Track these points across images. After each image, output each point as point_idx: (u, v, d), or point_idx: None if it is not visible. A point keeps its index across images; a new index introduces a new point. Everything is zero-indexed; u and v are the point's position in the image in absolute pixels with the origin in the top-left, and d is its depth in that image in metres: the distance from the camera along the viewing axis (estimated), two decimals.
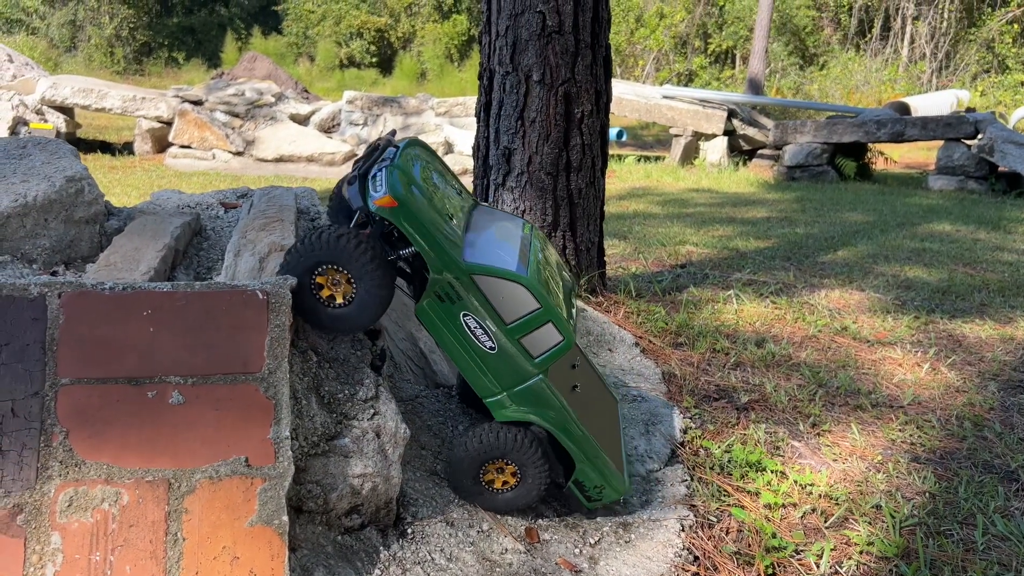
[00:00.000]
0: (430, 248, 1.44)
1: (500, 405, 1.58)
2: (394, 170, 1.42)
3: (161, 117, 9.38)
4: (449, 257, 1.45)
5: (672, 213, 6.21)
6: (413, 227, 1.42)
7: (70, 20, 19.74)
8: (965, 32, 18.58)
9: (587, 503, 1.69)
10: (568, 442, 1.61)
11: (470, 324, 1.50)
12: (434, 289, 1.48)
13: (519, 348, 1.53)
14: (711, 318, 3.15)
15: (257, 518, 1.29)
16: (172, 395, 1.30)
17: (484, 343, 1.52)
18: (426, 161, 1.59)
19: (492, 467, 1.61)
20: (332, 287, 1.44)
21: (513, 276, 1.49)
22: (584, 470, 1.63)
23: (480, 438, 1.59)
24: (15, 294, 1.30)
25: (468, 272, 1.47)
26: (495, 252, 1.53)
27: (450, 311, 1.49)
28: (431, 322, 1.51)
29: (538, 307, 1.50)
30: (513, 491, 1.63)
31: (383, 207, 1.40)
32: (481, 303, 1.49)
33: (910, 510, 1.82)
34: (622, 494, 1.68)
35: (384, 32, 20.57)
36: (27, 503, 1.21)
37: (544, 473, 1.61)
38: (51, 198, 1.54)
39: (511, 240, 1.61)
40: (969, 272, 4.15)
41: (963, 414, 2.35)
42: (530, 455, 1.59)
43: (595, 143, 3.04)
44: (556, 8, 2.82)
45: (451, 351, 1.54)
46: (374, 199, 1.41)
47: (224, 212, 1.99)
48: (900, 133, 8.48)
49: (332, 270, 1.43)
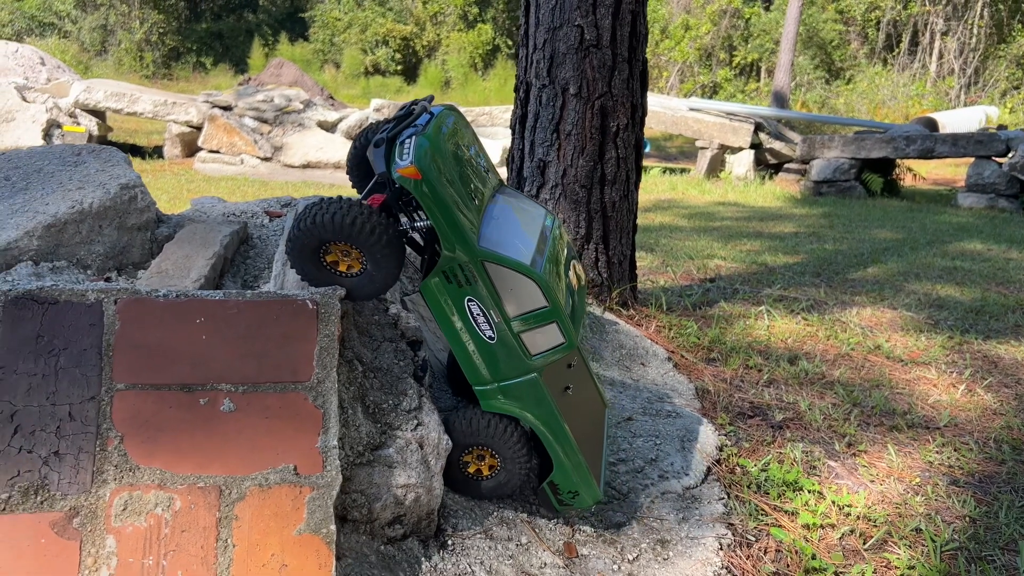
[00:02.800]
0: (447, 227, 1.39)
1: (488, 395, 1.54)
2: (423, 139, 1.37)
3: (191, 122, 9.50)
4: (465, 239, 1.41)
5: (699, 227, 6.19)
6: (433, 202, 1.37)
7: (101, 24, 20.07)
8: (995, 48, 18.42)
9: (558, 506, 1.67)
10: (552, 443, 1.58)
11: (473, 310, 1.47)
12: (443, 268, 1.43)
13: (518, 342, 1.49)
14: (743, 334, 3.14)
15: (305, 526, 1.30)
16: (224, 402, 1.32)
17: (484, 332, 1.48)
18: (459, 132, 1.53)
19: (472, 454, 1.59)
20: (342, 258, 1.42)
21: (526, 270, 1.45)
22: (563, 473, 1.61)
23: (464, 423, 1.57)
24: (73, 300, 1.32)
25: (481, 258, 1.43)
26: (512, 241, 1.49)
27: (456, 293, 1.45)
28: (435, 300, 1.47)
29: (546, 305, 1.47)
30: (492, 480, 1.62)
31: (406, 177, 1.34)
32: (488, 291, 1.45)
33: (950, 534, 1.80)
34: (594, 503, 1.66)
35: (409, 40, 20.72)
36: (83, 506, 1.23)
37: (525, 466, 1.60)
38: (106, 205, 1.57)
39: (531, 230, 1.56)
40: (1003, 292, 4.11)
41: (1001, 437, 2.32)
42: (512, 445, 1.57)
43: (630, 156, 3.04)
44: (594, 22, 2.83)
45: (449, 333, 1.49)
46: (399, 167, 1.35)
47: (269, 221, 2.01)
48: (930, 149, 8.42)
49: (343, 246, 1.40)
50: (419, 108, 1.48)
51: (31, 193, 1.61)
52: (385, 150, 1.41)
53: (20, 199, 1.59)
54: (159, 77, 19.31)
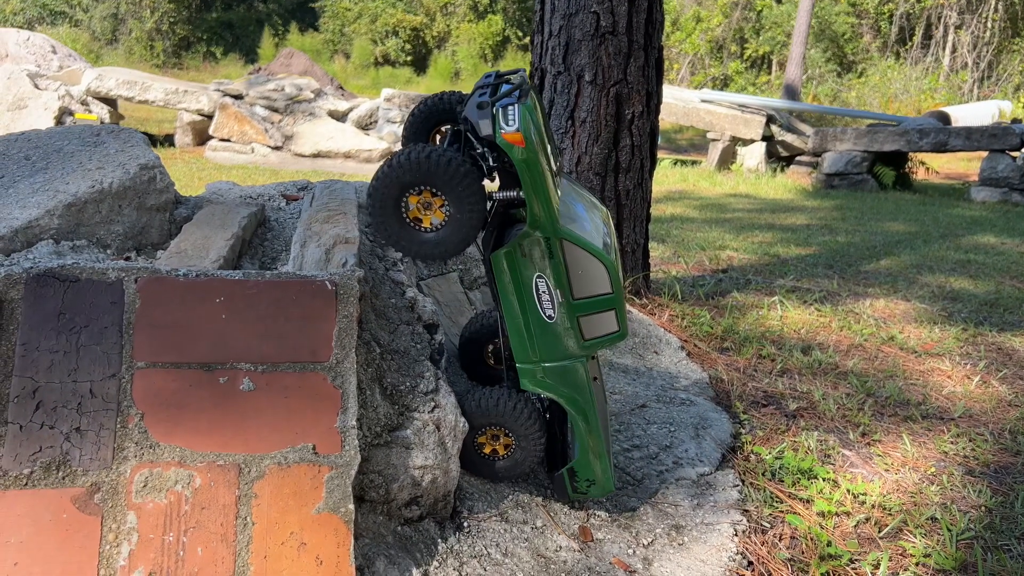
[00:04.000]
0: (540, 201, 1.39)
1: (531, 374, 1.54)
2: (526, 109, 1.36)
3: (202, 110, 9.51)
4: (551, 214, 1.41)
5: (711, 218, 6.17)
6: (531, 171, 1.36)
7: (112, 13, 20.09)
8: (1009, 42, 18.26)
9: (572, 493, 1.67)
10: (583, 430, 1.58)
11: (540, 287, 1.46)
12: (522, 241, 1.43)
13: (575, 325, 1.50)
14: (756, 324, 3.13)
15: (324, 505, 1.30)
16: (243, 381, 1.32)
17: (546, 310, 1.48)
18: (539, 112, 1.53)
19: (487, 434, 1.60)
20: (423, 212, 1.39)
21: (601, 255, 1.46)
22: (586, 461, 1.61)
23: (480, 402, 1.57)
24: (94, 278, 1.32)
25: (562, 236, 1.43)
26: (584, 226, 1.49)
27: (527, 268, 1.45)
28: (502, 271, 1.46)
29: (610, 292, 1.48)
30: (506, 460, 1.62)
31: (512, 143, 1.33)
32: (559, 271, 1.45)
33: (966, 523, 1.79)
34: (607, 493, 1.67)
35: (419, 31, 20.68)
36: (104, 482, 1.23)
37: (540, 445, 1.60)
38: (125, 185, 1.57)
39: (596, 218, 1.58)
40: (1016, 285, 4.08)
41: (1016, 428, 2.31)
42: (528, 423, 1.57)
43: (644, 144, 3.03)
44: (611, 9, 2.82)
45: (507, 307, 1.49)
46: (504, 131, 1.33)
47: (286, 204, 2.02)
48: (943, 143, 8.36)
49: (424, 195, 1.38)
50: (519, 79, 1.44)
51: (51, 172, 1.61)
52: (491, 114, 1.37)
53: (40, 178, 1.59)
54: (170, 66, 19.33)
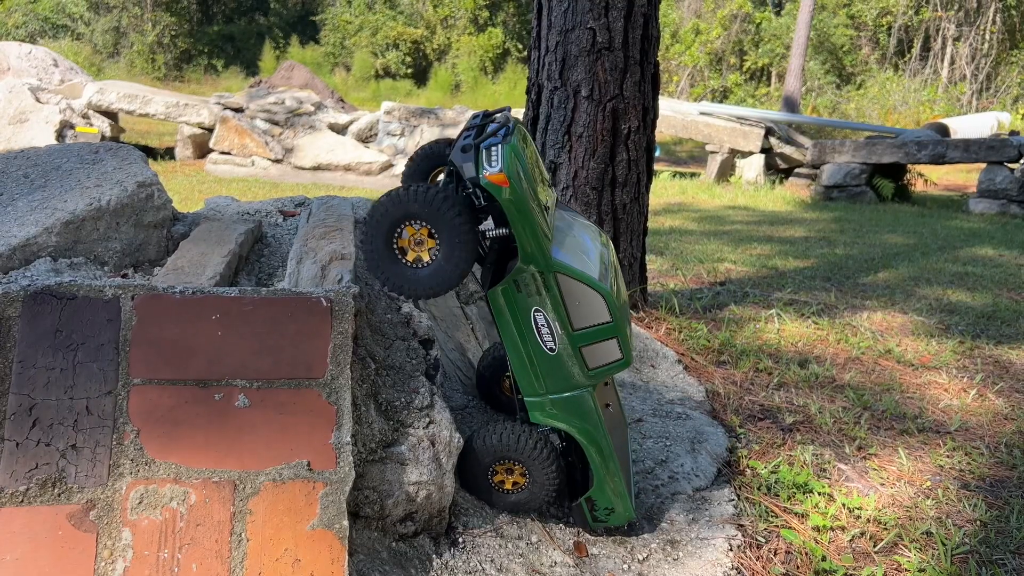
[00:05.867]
0: (529, 236, 1.41)
1: (539, 407, 1.56)
2: (510, 148, 1.39)
3: (203, 123, 9.55)
4: (542, 249, 1.43)
5: (709, 230, 6.19)
6: (518, 210, 1.38)
7: (114, 27, 20.20)
8: (1007, 54, 18.34)
9: (592, 522, 1.67)
10: (597, 459, 1.59)
11: (539, 321, 1.49)
12: (516, 277, 1.45)
13: (578, 356, 1.52)
14: (753, 337, 3.14)
15: (318, 522, 1.31)
16: (238, 398, 1.33)
17: (546, 343, 1.50)
18: (529, 145, 1.56)
19: (502, 467, 1.60)
20: (414, 247, 1.41)
21: (596, 285, 1.48)
22: (602, 489, 1.62)
23: (499, 436, 1.58)
24: (91, 295, 1.33)
25: (555, 269, 1.45)
26: (580, 256, 1.51)
27: (524, 303, 1.47)
28: (500, 308, 1.49)
29: (609, 321, 1.50)
30: (518, 494, 1.63)
31: (495, 184, 1.36)
32: (556, 303, 1.47)
33: (961, 538, 1.79)
34: (627, 520, 1.67)
35: (420, 44, 20.78)
36: (99, 499, 1.24)
37: (553, 483, 1.61)
38: (123, 202, 1.59)
39: (592, 248, 1.59)
40: (1014, 298, 4.09)
41: (1012, 442, 2.32)
42: (542, 461, 1.58)
43: (641, 159, 3.05)
44: (607, 25, 2.84)
45: (510, 342, 1.51)
46: (487, 172, 1.36)
47: (283, 220, 2.03)
48: (941, 155, 8.39)
49: (418, 231, 1.39)
50: (502, 117, 1.48)
51: (49, 190, 1.63)
52: (474, 156, 1.41)
53: (39, 196, 1.61)
54: (171, 79, 19.42)
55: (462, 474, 1.63)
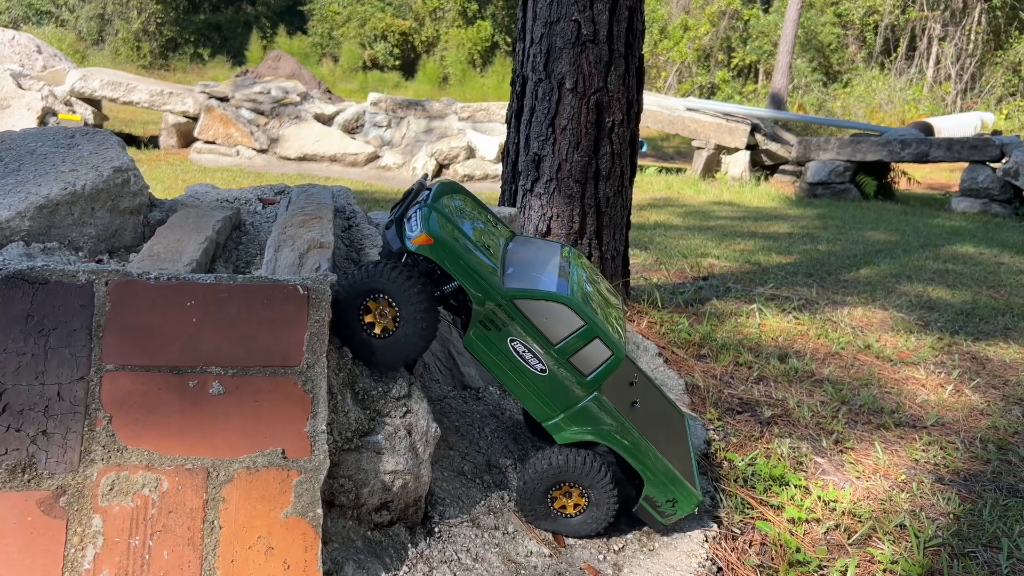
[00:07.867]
0: (468, 279, 1.46)
1: (559, 428, 1.58)
2: (429, 209, 1.46)
3: (187, 112, 9.47)
4: (488, 286, 1.47)
5: (693, 225, 6.21)
6: (450, 260, 1.44)
7: (99, 13, 19.98)
8: (991, 54, 18.48)
9: (661, 519, 1.66)
10: (631, 458, 1.60)
11: (518, 349, 1.52)
12: (478, 319, 1.49)
13: (570, 368, 1.53)
14: (734, 331, 3.15)
15: (292, 510, 1.30)
16: (213, 385, 1.32)
17: (535, 366, 1.53)
18: (459, 198, 1.62)
19: (559, 491, 1.61)
20: (379, 319, 1.47)
21: (553, 296, 1.49)
22: (654, 484, 1.62)
23: (549, 461, 1.59)
24: (64, 280, 1.32)
25: (508, 298, 1.48)
26: (533, 276, 1.54)
27: (498, 338, 1.51)
28: (480, 351, 1.53)
29: (583, 324, 1.50)
30: (582, 516, 1.62)
31: (420, 245, 1.43)
32: (525, 327, 1.50)
33: (934, 530, 1.81)
34: (696, 505, 1.66)
35: (408, 35, 20.69)
36: (70, 485, 1.23)
37: (613, 497, 1.60)
38: (99, 188, 1.57)
39: (549, 264, 1.62)
40: (993, 295, 4.13)
41: (987, 437, 2.34)
42: (598, 479, 1.58)
43: (624, 152, 3.05)
44: (591, 17, 2.84)
45: (504, 379, 1.54)
46: (411, 238, 1.45)
47: (262, 208, 2.02)
48: (925, 153, 8.45)
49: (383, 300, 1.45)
50: (416, 186, 1.56)
51: (23, 174, 1.61)
52: (396, 229, 1.50)
53: (12, 180, 1.59)
54: (156, 68, 19.25)
55: (521, 503, 1.63)
